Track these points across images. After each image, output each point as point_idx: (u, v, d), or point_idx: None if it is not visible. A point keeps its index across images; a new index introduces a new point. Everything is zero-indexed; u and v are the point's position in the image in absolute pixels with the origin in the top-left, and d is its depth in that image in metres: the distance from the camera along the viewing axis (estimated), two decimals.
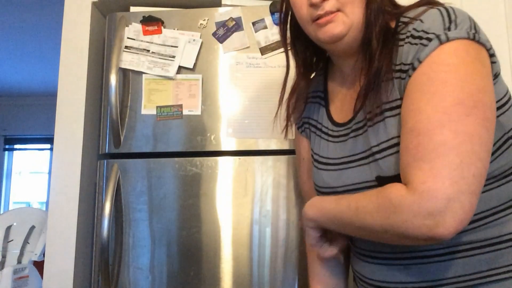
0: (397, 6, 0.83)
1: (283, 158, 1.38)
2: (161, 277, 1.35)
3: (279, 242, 1.35)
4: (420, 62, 0.70)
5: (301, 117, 1.01)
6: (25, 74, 4.14)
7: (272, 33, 1.44)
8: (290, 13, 0.91)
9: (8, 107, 4.75)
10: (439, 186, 0.62)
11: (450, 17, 0.71)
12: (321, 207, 0.82)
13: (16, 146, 4.91)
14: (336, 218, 0.77)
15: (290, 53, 0.97)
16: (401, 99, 0.73)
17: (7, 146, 4.86)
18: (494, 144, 0.72)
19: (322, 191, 0.91)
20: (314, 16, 0.79)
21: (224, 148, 1.41)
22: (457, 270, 0.73)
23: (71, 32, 1.56)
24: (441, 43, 0.69)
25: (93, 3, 1.60)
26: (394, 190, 0.67)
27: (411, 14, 0.77)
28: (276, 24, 1.44)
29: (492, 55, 0.73)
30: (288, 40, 0.95)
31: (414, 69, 0.71)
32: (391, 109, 0.75)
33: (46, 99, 4.49)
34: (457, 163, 0.63)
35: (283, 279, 1.33)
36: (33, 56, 3.69)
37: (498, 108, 0.72)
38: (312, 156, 0.96)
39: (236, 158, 1.40)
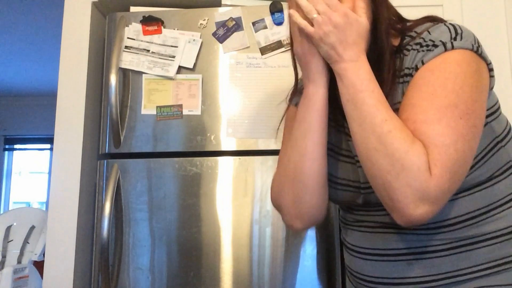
0: (403, 20, 0.85)
1: None
2: (161, 277, 1.35)
3: (279, 242, 1.35)
4: (423, 63, 0.73)
5: None
6: (25, 74, 4.14)
7: (272, 33, 1.44)
8: None
9: (8, 107, 4.74)
10: (445, 178, 0.65)
11: (457, 30, 0.75)
12: (364, 85, 0.71)
13: (16, 146, 4.90)
14: (363, 114, 0.70)
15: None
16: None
17: (7, 146, 4.85)
18: (486, 147, 0.76)
19: (339, 182, 0.89)
20: None
21: (224, 148, 1.41)
22: (459, 263, 0.76)
23: (71, 32, 1.56)
24: (446, 50, 0.72)
25: (93, 3, 1.60)
26: (423, 156, 0.65)
27: (418, 29, 0.80)
28: (276, 24, 1.44)
29: (491, 70, 0.77)
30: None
31: (416, 69, 0.74)
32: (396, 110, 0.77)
33: (46, 99, 4.48)
34: (455, 159, 0.66)
35: (283, 279, 1.33)
36: (33, 56, 3.68)
37: (490, 115, 0.78)
38: (328, 147, 0.94)
39: (236, 158, 1.40)
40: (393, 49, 0.80)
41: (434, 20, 0.82)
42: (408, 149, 0.66)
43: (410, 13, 0.87)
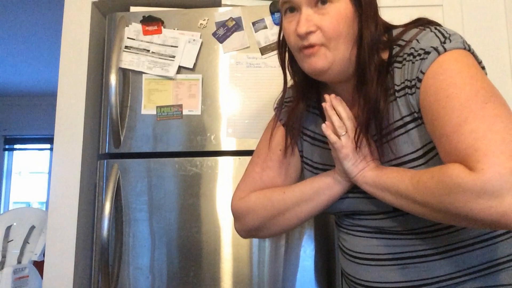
0: (389, 27, 0.85)
1: None
2: (161, 277, 1.35)
3: (279, 242, 1.35)
4: (423, 73, 0.73)
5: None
6: (25, 74, 4.14)
7: (272, 33, 1.44)
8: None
9: (8, 107, 4.74)
10: (498, 161, 0.59)
11: (444, 34, 0.76)
12: (382, 172, 0.77)
13: (16, 146, 4.90)
14: (395, 188, 0.73)
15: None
16: (410, 115, 0.77)
17: (7, 146, 4.85)
18: None
19: None
20: (300, 46, 0.81)
21: (224, 148, 1.41)
22: (454, 266, 0.76)
23: (71, 32, 1.56)
24: (439, 54, 0.72)
25: (93, 3, 1.60)
26: (455, 168, 0.63)
27: (406, 37, 0.80)
28: (276, 24, 1.44)
29: (482, 68, 0.77)
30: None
31: (420, 80, 0.73)
32: (398, 128, 0.78)
33: (46, 99, 4.48)
34: (500, 139, 0.61)
35: (283, 279, 1.33)
36: (33, 56, 3.68)
37: None
38: (306, 163, 0.96)
39: (236, 158, 1.40)
40: (382, 64, 0.80)
41: (421, 24, 0.82)
42: (440, 179, 0.65)
43: (410, 13, 0.87)
